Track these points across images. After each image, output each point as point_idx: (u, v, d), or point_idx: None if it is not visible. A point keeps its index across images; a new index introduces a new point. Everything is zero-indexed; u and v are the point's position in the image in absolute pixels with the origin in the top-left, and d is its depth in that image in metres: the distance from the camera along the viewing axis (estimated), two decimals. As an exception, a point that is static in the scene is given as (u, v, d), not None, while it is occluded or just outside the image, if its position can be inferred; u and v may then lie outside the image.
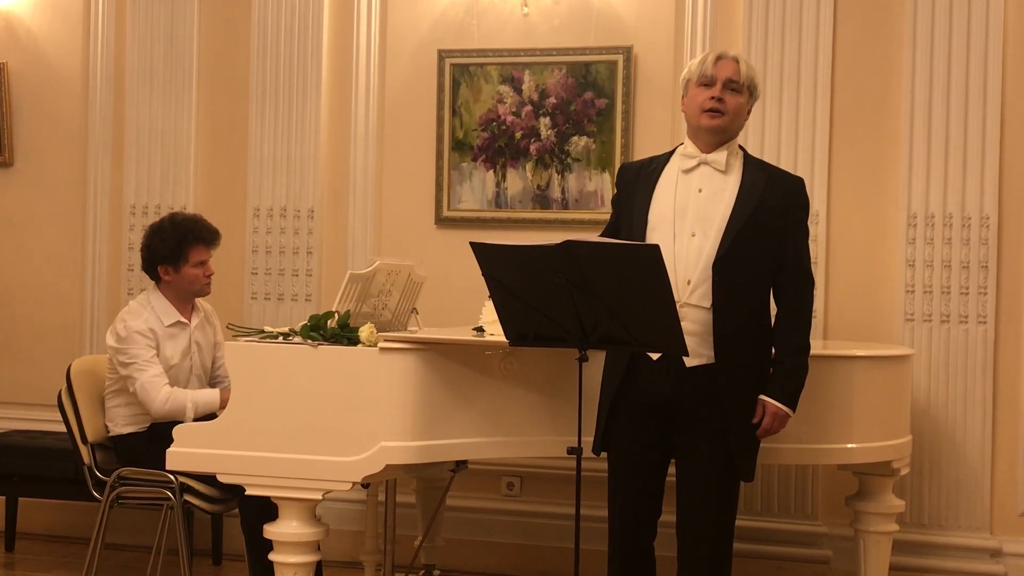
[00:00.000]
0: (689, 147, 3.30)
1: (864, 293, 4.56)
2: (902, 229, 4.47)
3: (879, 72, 4.56)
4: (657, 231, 3.21)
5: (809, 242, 3.37)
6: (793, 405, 3.23)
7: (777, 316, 3.28)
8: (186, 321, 4.25)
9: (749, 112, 3.35)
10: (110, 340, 4.12)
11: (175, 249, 4.17)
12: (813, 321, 4.47)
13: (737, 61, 3.28)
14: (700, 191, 3.23)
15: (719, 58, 3.28)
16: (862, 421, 3.68)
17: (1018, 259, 4.46)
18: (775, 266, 3.24)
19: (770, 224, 3.20)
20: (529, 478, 4.85)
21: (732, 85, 3.25)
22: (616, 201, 3.44)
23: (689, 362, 3.15)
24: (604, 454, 3.35)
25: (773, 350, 3.26)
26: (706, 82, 3.26)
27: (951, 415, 4.45)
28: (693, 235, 3.18)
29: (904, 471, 3.98)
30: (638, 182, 3.33)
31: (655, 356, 3.20)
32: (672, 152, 3.36)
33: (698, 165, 3.27)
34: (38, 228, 5.38)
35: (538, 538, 4.80)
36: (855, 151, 4.57)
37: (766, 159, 4.49)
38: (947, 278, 4.44)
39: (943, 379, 4.45)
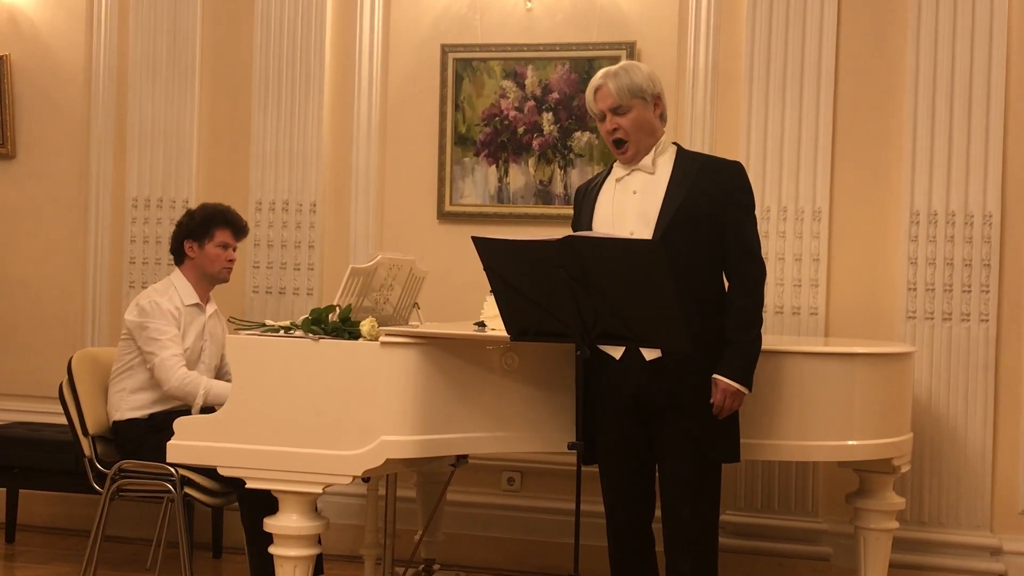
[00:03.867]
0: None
1: (866, 290, 4.56)
2: (904, 227, 4.47)
3: (882, 68, 4.54)
4: None
5: (814, 237, 3.37)
6: (746, 381, 3.23)
7: (726, 296, 3.32)
8: (203, 305, 4.33)
9: (657, 104, 3.36)
10: (131, 315, 4.17)
11: (202, 224, 4.32)
12: (814, 318, 4.52)
13: (608, 83, 3.32)
14: (635, 192, 3.32)
15: (596, 89, 3.35)
16: (863, 418, 3.67)
17: (1020, 257, 4.45)
18: (720, 250, 3.28)
19: (706, 208, 3.25)
20: (529, 473, 4.85)
21: (617, 110, 3.32)
22: (573, 224, 3.52)
23: (649, 355, 3.20)
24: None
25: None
26: (599, 118, 3.38)
27: (952, 413, 4.44)
28: (632, 233, 3.23)
29: (905, 469, 3.97)
30: (585, 200, 3.45)
31: (617, 355, 3.23)
32: (612, 166, 3.44)
33: (630, 172, 3.36)
34: (40, 220, 5.38)
35: (538, 533, 4.80)
36: (858, 148, 4.56)
37: (768, 155, 4.53)
38: (949, 276, 4.43)
39: (944, 377, 4.45)
